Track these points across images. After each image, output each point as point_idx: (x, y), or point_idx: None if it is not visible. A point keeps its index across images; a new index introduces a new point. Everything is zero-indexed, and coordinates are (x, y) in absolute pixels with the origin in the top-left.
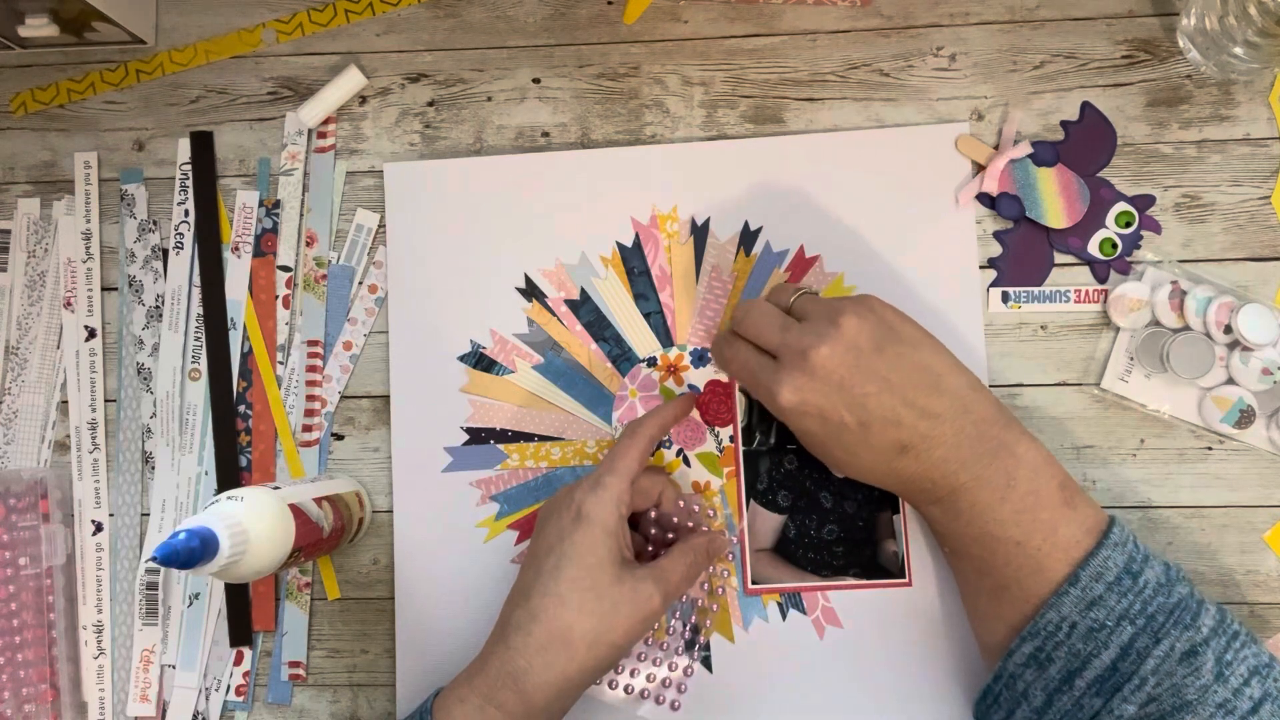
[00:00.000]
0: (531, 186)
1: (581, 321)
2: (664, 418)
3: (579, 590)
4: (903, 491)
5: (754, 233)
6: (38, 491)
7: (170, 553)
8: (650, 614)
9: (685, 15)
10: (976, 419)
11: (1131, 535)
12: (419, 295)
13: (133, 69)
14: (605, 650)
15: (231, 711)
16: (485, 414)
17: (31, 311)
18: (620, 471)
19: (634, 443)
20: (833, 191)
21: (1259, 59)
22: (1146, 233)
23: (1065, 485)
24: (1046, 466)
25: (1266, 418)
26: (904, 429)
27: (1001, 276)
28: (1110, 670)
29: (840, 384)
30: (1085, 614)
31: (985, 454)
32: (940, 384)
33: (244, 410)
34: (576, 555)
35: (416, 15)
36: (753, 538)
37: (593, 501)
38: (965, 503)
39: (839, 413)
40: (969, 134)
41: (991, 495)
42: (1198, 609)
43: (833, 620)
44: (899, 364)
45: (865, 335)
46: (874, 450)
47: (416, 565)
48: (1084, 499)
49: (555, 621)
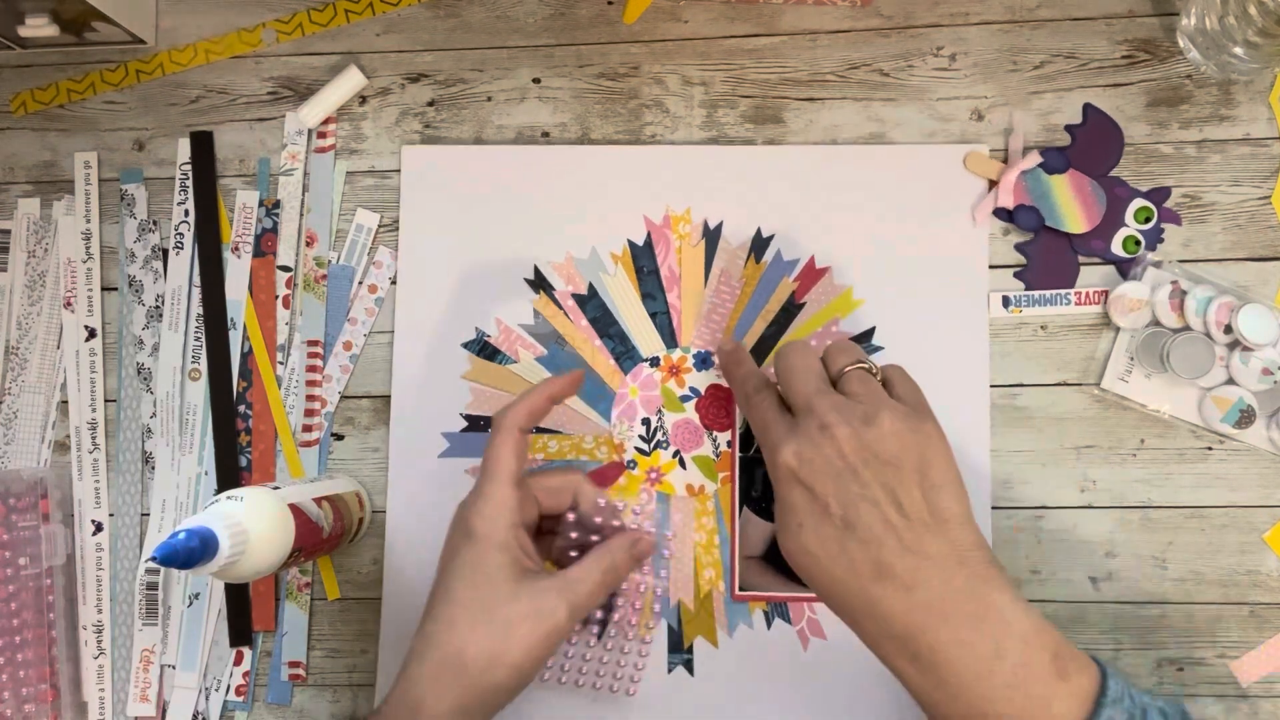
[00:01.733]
0: (547, 179)
1: (587, 317)
2: (533, 403)
3: (469, 611)
4: (875, 633)
5: (766, 240)
6: (38, 491)
7: (170, 553)
8: (554, 629)
9: (685, 15)
10: (969, 575)
11: (1127, 687)
12: (428, 279)
13: (133, 69)
14: (504, 672)
15: (231, 711)
16: (485, 402)
17: (31, 311)
18: (497, 475)
19: (503, 439)
20: (846, 204)
21: (1259, 59)
22: (1168, 225)
23: (1058, 655)
24: (1037, 635)
25: (1266, 418)
26: (887, 551)
27: (1030, 288)
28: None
29: (840, 473)
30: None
31: (972, 615)
32: (946, 530)
33: (244, 410)
34: (465, 574)
35: (416, 15)
36: (744, 544)
37: (475, 514)
38: (948, 671)
39: (827, 499)
40: (976, 151)
41: (978, 665)
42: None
43: (817, 632)
44: (916, 494)
45: (894, 445)
46: (849, 559)
47: (407, 552)
48: (1076, 664)
49: (446, 647)
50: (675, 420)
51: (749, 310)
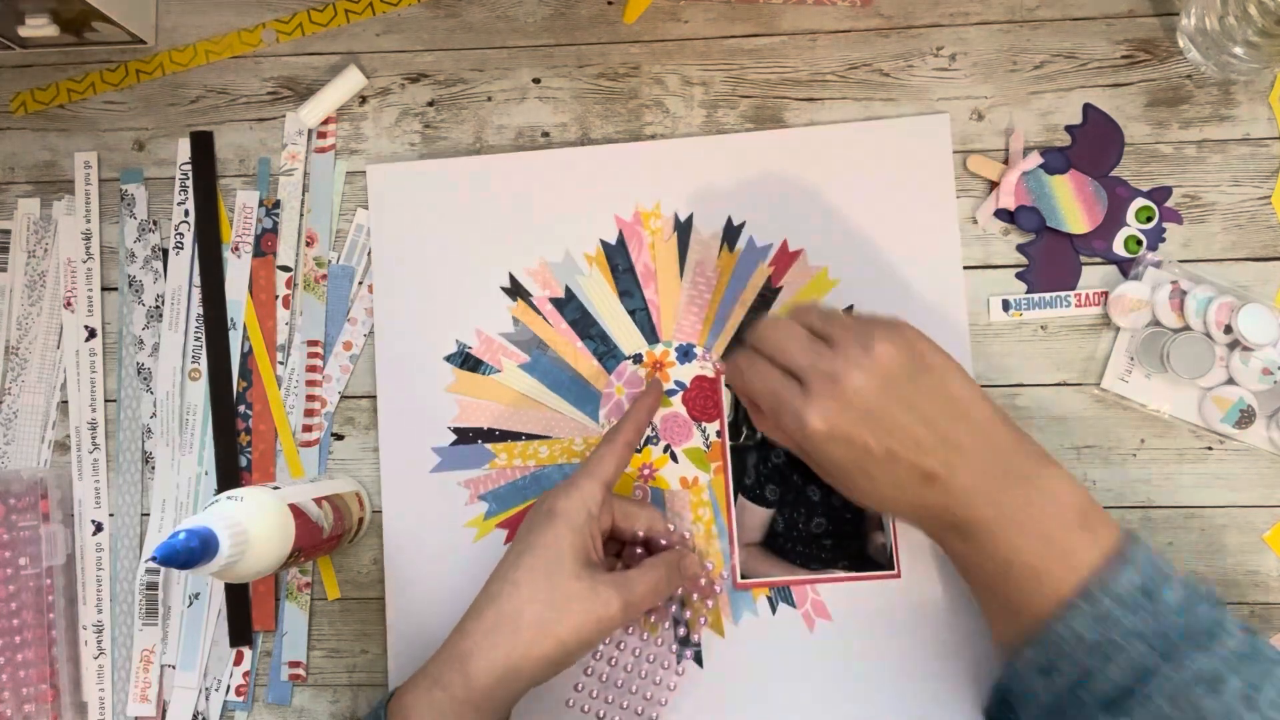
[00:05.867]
0: (513, 186)
1: (567, 320)
2: (637, 418)
3: (534, 577)
4: (922, 522)
5: (737, 228)
6: (38, 491)
7: (170, 553)
8: (606, 618)
9: (685, 15)
10: (998, 446)
11: (1151, 557)
12: (404, 296)
13: (133, 69)
14: (551, 644)
15: (231, 711)
16: (472, 414)
17: (31, 311)
18: (594, 474)
19: (610, 448)
20: (816, 185)
21: (1259, 59)
22: (1169, 225)
23: (1084, 511)
24: (1066, 494)
25: (1266, 418)
26: (930, 458)
27: (1032, 289)
28: (1117, 686)
29: (870, 412)
30: (1095, 629)
31: (1007, 485)
32: (968, 414)
33: (244, 410)
34: (539, 547)
35: (416, 15)
36: (741, 532)
37: (562, 500)
38: (984, 533)
39: (865, 440)
40: (978, 155)
41: (1010, 525)
42: (1218, 632)
43: (822, 613)
44: (929, 394)
45: (898, 363)
46: (898, 480)
47: (406, 565)
48: (1103, 521)
49: (506, 605)
50: (663, 414)
51: (727, 299)
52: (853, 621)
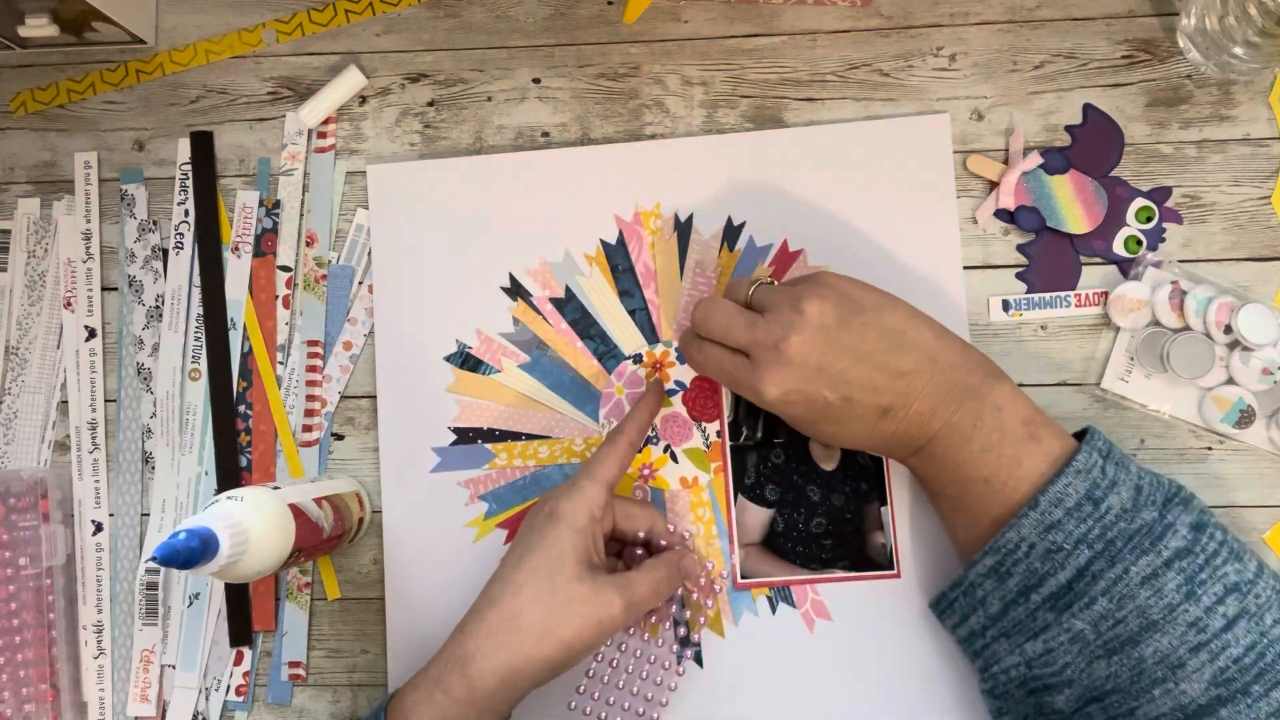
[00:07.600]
0: (514, 186)
1: (567, 320)
2: (639, 419)
3: (535, 580)
4: (893, 452)
5: (737, 228)
6: (38, 491)
7: (170, 553)
8: (608, 619)
9: (685, 15)
10: (944, 366)
11: (1099, 464)
12: (404, 296)
13: (133, 69)
14: (553, 646)
15: (231, 711)
16: (472, 414)
17: (31, 311)
18: (596, 476)
19: (612, 450)
20: (815, 184)
21: (1259, 59)
22: (1169, 225)
23: (1029, 420)
24: (1011, 404)
25: (1266, 418)
26: (882, 393)
27: (1032, 289)
28: (1065, 589)
29: (818, 367)
30: (1044, 536)
31: (953, 400)
32: (905, 341)
33: (244, 410)
34: (541, 549)
35: (416, 15)
36: (741, 532)
37: (565, 502)
38: (939, 449)
39: (821, 394)
40: (978, 155)
41: (960, 438)
42: (1162, 532)
43: (822, 613)
44: (866, 333)
45: (830, 314)
46: (859, 419)
47: (406, 565)
48: (1050, 431)
49: (507, 607)
50: (663, 414)
51: None
52: (853, 621)
